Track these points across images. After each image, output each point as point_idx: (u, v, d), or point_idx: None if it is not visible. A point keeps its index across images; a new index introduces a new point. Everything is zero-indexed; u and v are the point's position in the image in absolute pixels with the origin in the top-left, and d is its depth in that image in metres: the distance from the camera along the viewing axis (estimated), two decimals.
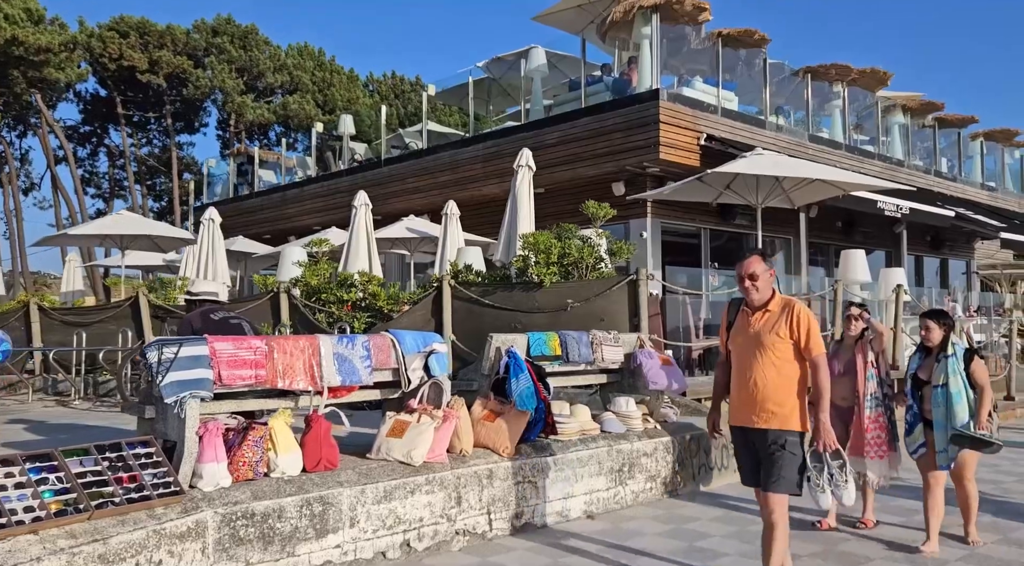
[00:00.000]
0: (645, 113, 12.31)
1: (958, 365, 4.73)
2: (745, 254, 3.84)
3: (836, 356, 5.25)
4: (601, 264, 7.77)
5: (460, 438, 4.80)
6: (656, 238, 13.61)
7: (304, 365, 4.27)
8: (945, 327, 4.83)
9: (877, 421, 5.11)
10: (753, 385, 3.72)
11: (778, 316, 3.73)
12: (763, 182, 9.74)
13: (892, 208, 12.97)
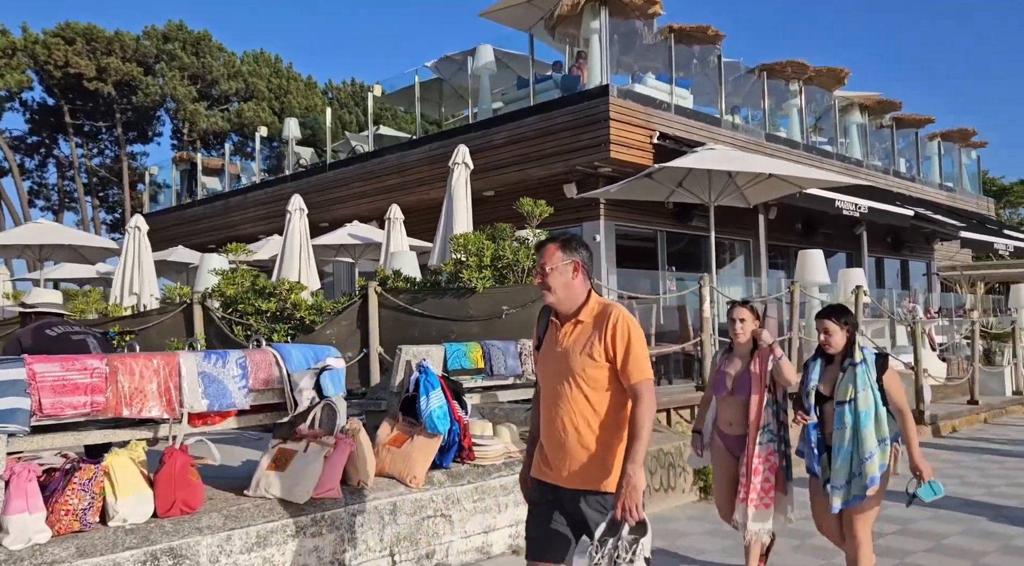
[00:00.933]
0: (595, 110, 11.78)
1: (868, 374, 3.65)
2: (544, 243, 2.83)
3: (723, 370, 4.09)
4: None
5: (357, 468, 4.14)
6: (610, 241, 13.07)
7: (159, 388, 3.58)
8: (848, 328, 3.77)
9: (768, 460, 3.91)
10: (561, 428, 2.68)
11: (591, 330, 2.68)
12: (715, 179, 9.24)
13: (851, 207, 12.59)
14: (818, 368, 3.84)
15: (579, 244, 2.79)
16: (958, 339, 13.42)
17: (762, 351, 3.98)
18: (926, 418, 9.45)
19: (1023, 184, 48.79)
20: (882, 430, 3.63)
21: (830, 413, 3.72)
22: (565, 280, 2.72)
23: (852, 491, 3.64)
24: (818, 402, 3.78)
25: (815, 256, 9.94)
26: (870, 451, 3.59)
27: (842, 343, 3.75)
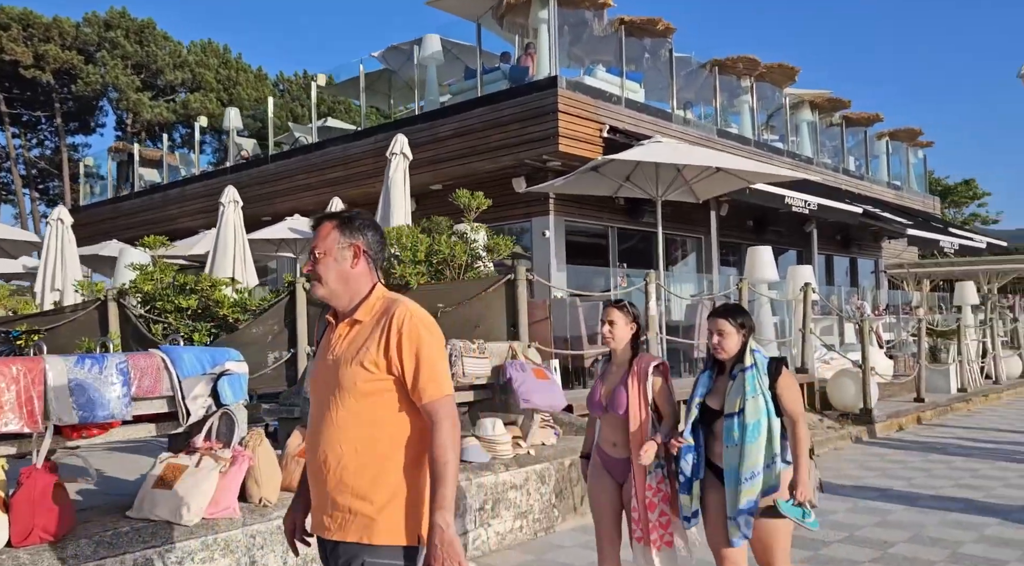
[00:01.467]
0: (543, 102, 11.47)
1: (759, 380, 3.12)
2: (320, 220, 2.23)
3: (601, 381, 3.44)
4: (478, 263, 6.82)
5: (260, 483, 3.74)
6: (560, 237, 12.79)
7: (19, 398, 3.13)
8: (744, 331, 3.21)
9: (660, 490, 3.25)
10: (323, 460, 2.06)
11: (370, 331, 2.09)
12: (663, 173, 9.00)
13: (800, 204, 12.51)
14: (706, 380, 3.28)
15: (365, 224, 2.20)
16: (905, 336, 13.47)
17: (641, 359, 3.32)
18: (873, 416, 9.36)
19: (967, 184, 50.14)
20: (773, 446, 3.07)
21: (720, 430, 3.15)
22: (341, 268, 2.13)
23: (743, 526, 3.11)
24: (708, 419, 3.21)
25: (764, 253, 9.78)
26: (752, 470, 3.03)
27: (736, 348, 3.19)
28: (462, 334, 6.32)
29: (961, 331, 12.40)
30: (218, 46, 42.73)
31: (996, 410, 11.73)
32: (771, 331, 9.99)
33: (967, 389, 12.16)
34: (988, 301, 14.96)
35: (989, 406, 12.26)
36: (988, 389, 12.95)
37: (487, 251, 6.72)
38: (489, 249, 6.70)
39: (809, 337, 9.68)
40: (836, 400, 9.85)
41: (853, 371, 9.75)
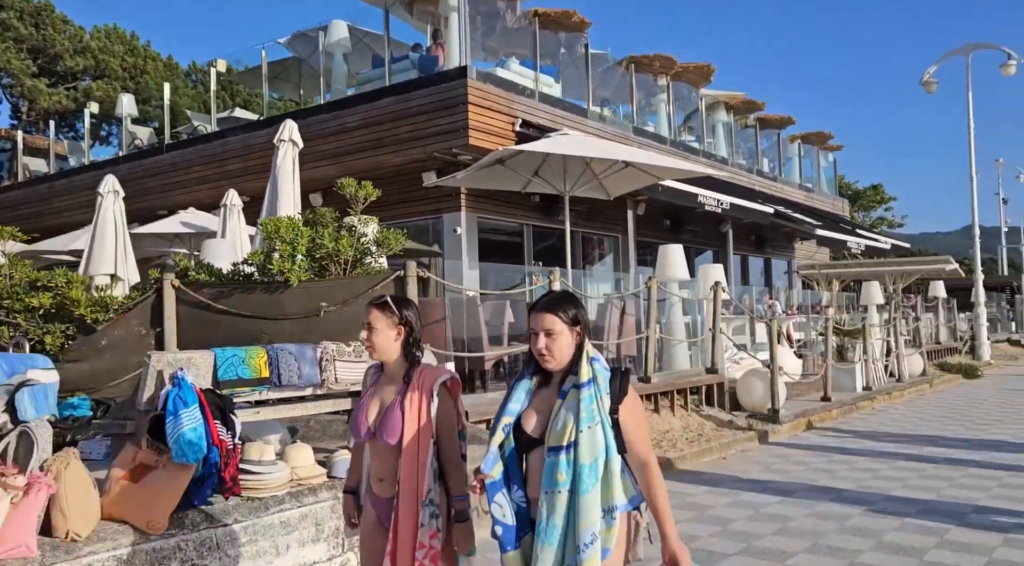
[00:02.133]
0: (452, 93, 11.01)
1: (599, 402, 2.26)
2: None
3: (370, 397, 2.67)
4: (369, 259, 6.30)
5: (66, 514, 3.16)
6: (472, 234, 12.36)
7: None
8: (579, 329, 2.35)
9: (431, 548, 2.48)
10: None
11: None
12: (571, 167, 8.68)
13: (713, 203, 12.45)
14: (525, 391, 2.38)
15: None
16: (814, 336, 13.61)
17: (424, 372, 2.58)
18: (780, 417, 9.29)
19: (875, 189, 52.37)
20: (612, 493, 2.23)
21: (538, 466, 2.28)
22: None
23: None
24: (522, 448, 2.33)
25: (674, 251, 9.59)
26: (590, 531, 2.19)
27: (568, 352, 2.31)
28: (348, 335, 5.81)
29: (867, 330, 12.59)
30: (124, 32, 40.62)
31: (898, 408, 11.93)
32: (682, 331, 9.82)
33: (872, 387, 12.34)
34: (892, 301, 15.32)
35: (892, 404, 12.48)
36: (892, 387, 13.20)
37: (377, 246, 6.21)
38: (379, 243, 6.19)
39: (719, 337, 9.54)
40: (745, 400, 9.75)
41: (762, 371, 9.67)
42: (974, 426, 9.87)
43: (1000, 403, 12.34)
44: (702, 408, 9.40)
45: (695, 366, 9.95)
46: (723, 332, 9.64)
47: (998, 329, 28.01)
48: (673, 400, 8.90)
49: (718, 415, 9.42)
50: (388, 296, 2.69)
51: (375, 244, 6.15)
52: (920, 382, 14.52)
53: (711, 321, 9.55)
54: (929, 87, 22.52)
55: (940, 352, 19.17)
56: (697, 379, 9.30)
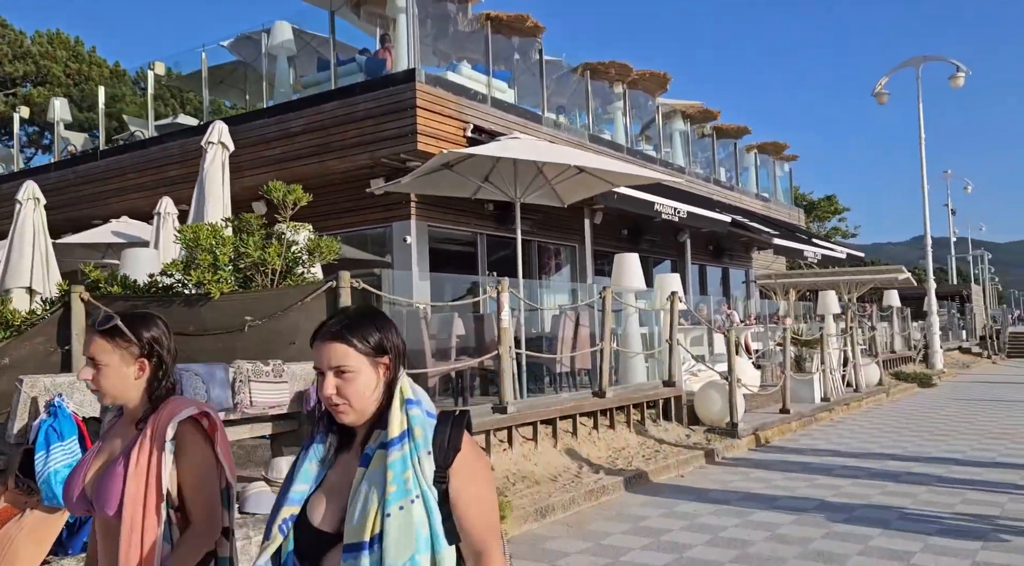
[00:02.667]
0: (400, 97, 10.59)
1: (415, 470, 1.49)
2: None
3: (92, 458, 1.94)
4: (301, 269, 5.84)
5: None
6: (423, 244, 11.91)
7: None
8: (386, 362, 1.59)
9: None
10: None
11: None
12: (523, 172, 8.31)
13: (670, 211, 12.22)
14: (316, 462, 1.60)
15: None
16: (772, 346, 13.44)
17: (162, 412, 1.88)
18: (739, 431, 9.01)
19: (829, 200, 53.21)
20: None
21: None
22: None
23: None
24: (311, 551, 1.54)
25: (630, 260, 9.29)
26: None
27: (371, 397, 1.56)
28: (275, 351, 5.33)
29: (824, 340, 12.45)
30: (68, 37, 39.41)
31: (856, 419, 11.78)
32: (639, 343, 9.50)
33: (830, 398, 12.19)
34: (848, 310, 15.28)
35: (851, 415, 12.34)
36: (849, 397, 13.08)
37: (309, 254, 5.75)
38: (311, 252, 5.73)
39: (676, 348, 9.24)
40: (703, 414, 9.47)
41: (720, 383, 9.39)
42: (932, 437, 9.73)
43: (955, 412, 12.29)
44: (659, 423, 9.08)
45: (652, 379, 9.63)
46: (680, 343, 9.35)
47: (949, 337, 28.45)
48: (629, 415, 8.56)
49: (676, 430, 9.10)
50: (119, 318, 1.90)
51: (307, 252, 5.69)
52: (877, 392, 14.46)
53: (668, 332, 9.25)
54: (881, 98, 22.78)
55: (895, 361, 19.26)
56: (654, 393, 8.98)
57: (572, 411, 7.57)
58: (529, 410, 6.95)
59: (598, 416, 8.07)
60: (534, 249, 14.47)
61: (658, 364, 9.75)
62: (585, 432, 7.93)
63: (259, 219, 5.91)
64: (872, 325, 16.66)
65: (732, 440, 8.95)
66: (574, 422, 7.74)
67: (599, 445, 7.86)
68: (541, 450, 7.15)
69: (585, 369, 9.02)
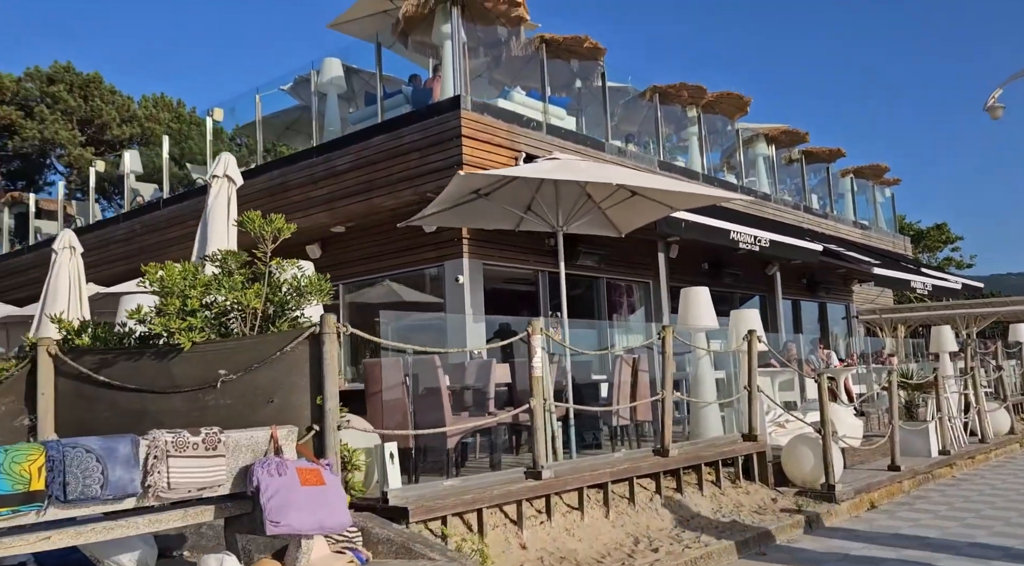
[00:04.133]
0: (445, 126, 9.91)
1: None
2: None
3: None
4: (296, 312, 5.05)
5: None
6: (477, 282, 11.08)
7: None
8: None
9: None
10: None
11: None
12: (565, 198, 7.35)
13: (749, 240, 10.94)
14: None
15: None
16: (877, 389, 11.77)
17: None
18: (836, 494, 7.58)
19: (939, 229, 49.33)
20: None
21: None
22: None
23: None
24: None
25: (699, 294, 8.12)
26: None
27: None
28: (250, 414, 4.54)
29: (940, 382, 10.73)
30: (171, 100, 41.75)
31: (985, 476, 10.00)
32: (712, 390, 8.25)
33: (950, 451, 10.44)
34: (968, 347, 13.37)
35: (976, 470, 10.54)
36: (974, 449, 11.23)
37: (298, 295, 4.97)
38: (299, 292, 4.94)
39: (757, 395, 7.95)
40: (793, 473, 8.08)
41: (812, 436, 8.01)
42: None
43: None
44: (739, 483, 7.77)
45: (730, 432, 8.34)
46: (761, 390, 8.04)
47: None
48: (701, 476, 7.31)
49: (759, 492, 7.76)
50: None
51: (296, 293, 4.90)
52: (1008, 441, 12.45)
53: (746, 376, 7.98)
54: (995, 113, 20.59)
55: None
56: (731, 448, 7.70)
57: (626, 474, 6.44)
58: (571, 475, 5.88)
59: (661, 478, 6.88)
60: (602, 287, 13.41)
61: (736, 414, 8.45)
62: (645, 498, 6.75)
63: (239, 256, 5.17)
64: (998, 364, 14.57)
65: (829, 505, 7.54)
66: (631, 486, 6.59)
67: (661, 514, 6.66)
68: (588, 522, 6.04)
69: (647, 421, 7.85)
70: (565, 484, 5.80)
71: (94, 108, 37.60)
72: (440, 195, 6.63)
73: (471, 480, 5.32)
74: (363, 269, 12.33)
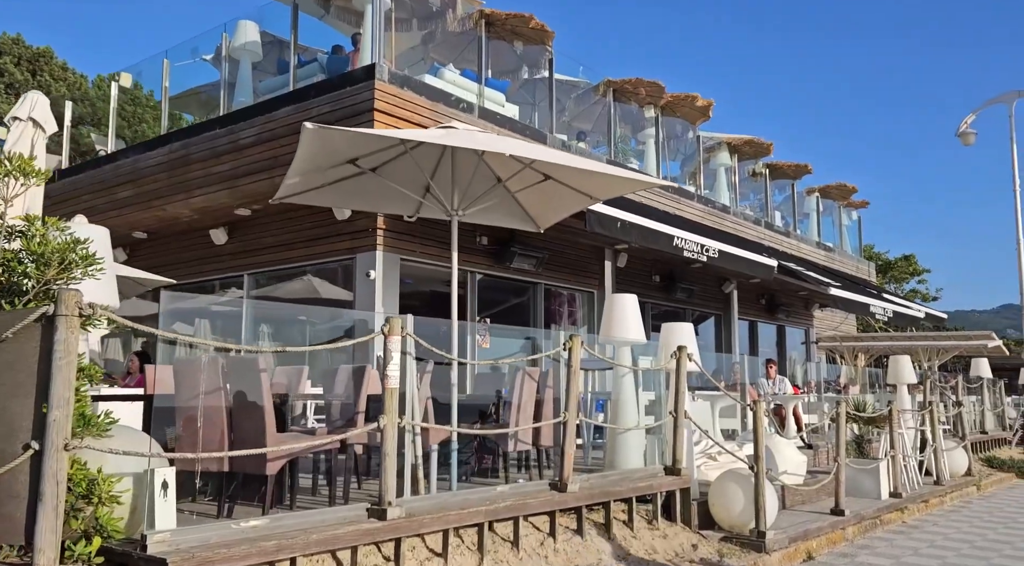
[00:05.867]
0: (357, 98, 8.75)
1: None
2: None
3: None
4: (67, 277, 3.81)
5: None
6: (391, 280, 9.90)
7: None
8: None
9: None
10: None
11: None
12: (462, 174, 6.18)
13: (695, 249, 9.88)
14: None
15: None
16: (827, 421, 10.76)
17: None
18: (767, 543, 6.47)
19: (907, 259, 49.03)
20: None
21: None
22: None
23: None
24: None
25: (624, 302, 7.00)
26: None
27: None
28: None
29: (895, 416, 9.73)
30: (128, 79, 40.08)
31: (938, 522, 9.00)
32: (633, 413, 7.11)
33: (902, 493, 9.42)
34: (928, 380, 12.45)
35: (929, 515, 9.54)
36: (928, 492, 10.24)
37: (39, 264, 3.72)
38: (43, 258, 3.70)
39: (683, 422, 6.83)
40: (721, 514, 6.96)
41: (744, 474, 6.91)
42: None
43: None
44: (656, 525, 6.63)
45: (653, 463, 7.20)
46: (689, 416, 6.93)
47: None
48: (610, 515, 6.16)
49: (678, 536, 6.64)
50: None
51: (33, 261, 3.66)
52: (964, 484, 11.51)
53: (672, 400, 6.86)
54: (967, 139, 19.98)
55: (986, 444, 16.03)
56: (648, 483, 6.57)
57: (510, 512, 5.26)
58: (433, 514, 4.69)
59: (557, 517, 5.72)
60: (539, 293, 12.29)
61: (662, 444, 7.32)
62: (535, 542, 5.58)
63: None
64: (958, 399, 13.69)
65: (757, 556, 6.44)
66: (516, 527, 5.41)
67: (552, 562, 5.49)
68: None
69: (551, 447, 6.71)
70: (420, 526, 4.60)
71: (42, 83, 35.86)
72: (295, 160, 5.42)
73: (288, 520, 4.11)
74: (274, 259, 11.09)
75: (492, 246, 11.23)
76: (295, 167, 5.54)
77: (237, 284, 11.37)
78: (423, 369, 5.49)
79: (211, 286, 11.69)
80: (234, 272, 11.41)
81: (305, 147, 5.27)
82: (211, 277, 11.54)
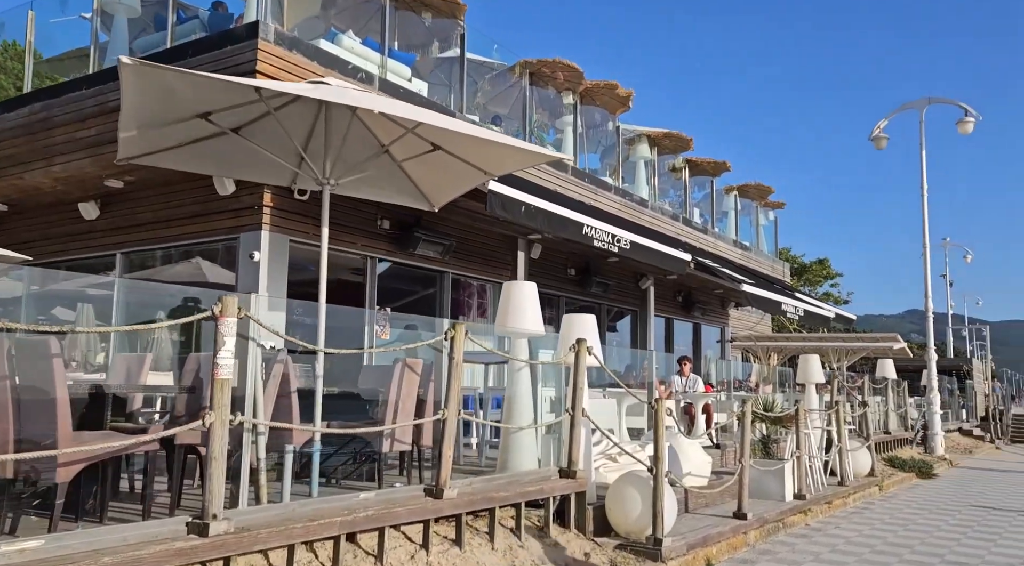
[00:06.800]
0: (239, 59, 7.90)
1: None
2: None
3: None
4: None
5: None
6: (279, 263, 9.07)
7: None
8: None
9: None
10: None
11: None
12: (335, 137, 5.46)
13: (606, 239, 9.42)
14: None
15: None
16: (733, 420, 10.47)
17: None
18: (663, 551, 6.01)
19: (821, 263, 50.50)
20: None
21: None
22: None
23: None
24: None
25: (522, 290, 6.42)
26: None
27: None
28: None
29: (801, 416, 9.51)
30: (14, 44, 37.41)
31: (840, 525, 8.81)
32: (528, 410, 6.54)
33: (806, 495, 9.19)
34: (835, 380, 12.39)
35: (832, 516, 9.37)
36: (832, 493, 10.09)
37: None
38: None
39: (580, 420, 6.31)
40: (618, 520, 6.48)
41: (643, 476, 6.44)
42: (945, 564, 6.76)
43: (968, 521, 9.30)
44: (547, 532, 6.08)
45: (548, 466, 6.66)
46: (587, 414, 6.41)
47: (949, 417, 25.48)
48: (494, 522, 5.57)
49: (571, 543, 6.11)
50: None
51: None
52: (867, 484, 11.48)
53: (570, 397, 6.33)
54: (879, 143, 20.30)
55: (889, 444, 16.26)
56: (540, 487, 6.01)
57: (374, 522, 4.60)
58: (273, 527, 3.98)
59: (431, 527, 5.09)
60: (446, 282, 11.65)
61: (559, 444, 6.78)
62: (404, 555, 4.94)
63: None
64: (863, 399, 13.74)
65: (652, 565, 5.97)
66: (380, 539, 4.75)
67: None
68: None
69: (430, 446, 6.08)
70: (254, 542, 3.88)
71: None
72: (123, 107, 4.59)
73: (75, 539, 3.34)
74: (150, 236, 10.07)
75: (395, 231, 10.53)
76: (125, 115, 4.71)
77: (109, 265, 10.30)
78: (276, 359, 4.76)
79: (80, 266, 10.58)
80: (106, 251, 10.34)
81: (131, 90, 4.46)
82: (79, 256, 10.43)
